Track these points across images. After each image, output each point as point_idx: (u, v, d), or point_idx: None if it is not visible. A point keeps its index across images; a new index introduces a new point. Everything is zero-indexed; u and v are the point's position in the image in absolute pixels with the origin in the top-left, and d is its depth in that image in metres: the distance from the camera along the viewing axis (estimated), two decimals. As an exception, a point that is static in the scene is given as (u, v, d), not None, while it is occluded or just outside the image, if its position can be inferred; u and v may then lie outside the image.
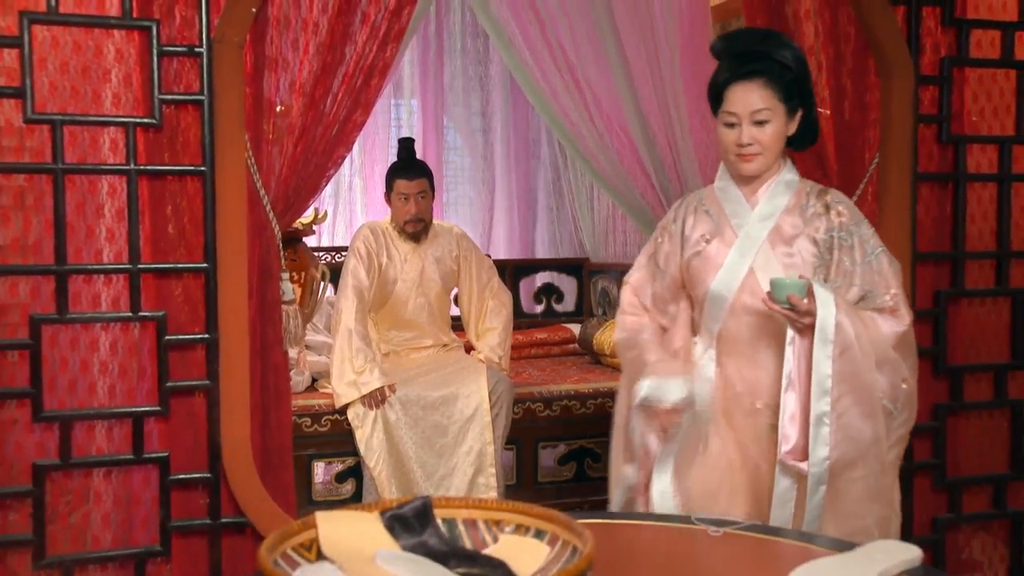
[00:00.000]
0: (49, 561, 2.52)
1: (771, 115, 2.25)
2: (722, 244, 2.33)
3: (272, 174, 2.76)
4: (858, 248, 2.29)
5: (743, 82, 2.25)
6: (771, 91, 2.24)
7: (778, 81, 2.25)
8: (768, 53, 2.25)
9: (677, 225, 2.43)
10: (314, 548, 1.35)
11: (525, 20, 4.51)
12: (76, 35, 2.53)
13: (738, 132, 2.27)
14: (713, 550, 1.83)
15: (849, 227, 2.29)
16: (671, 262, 2.42)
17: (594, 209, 6.06)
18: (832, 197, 2.34)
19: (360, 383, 3.55)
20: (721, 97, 2.29)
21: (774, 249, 2.29)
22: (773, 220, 2.31)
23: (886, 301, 2.27)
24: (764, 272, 2.27)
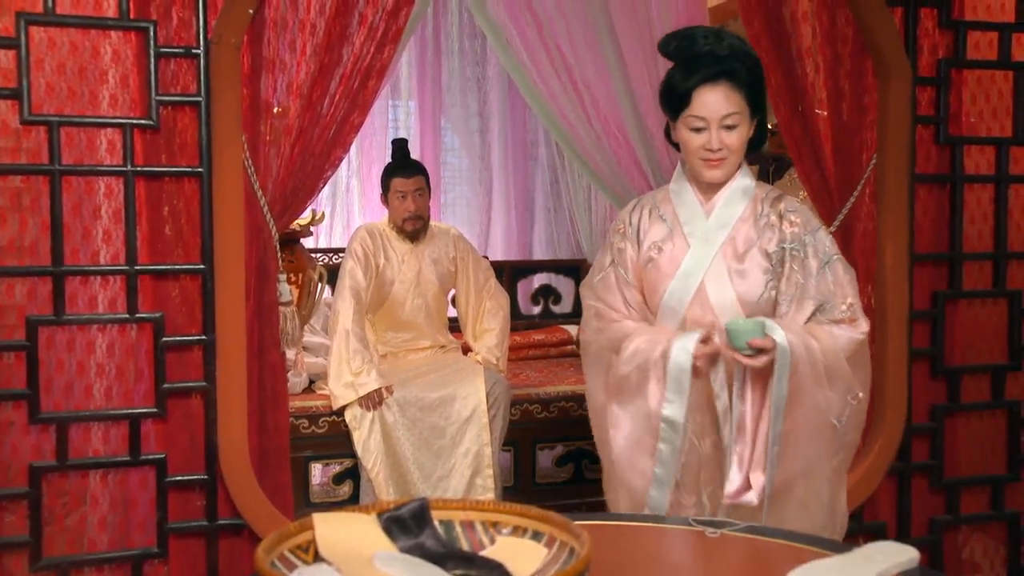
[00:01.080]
0: (46, 563, 2.51)
1: (740, 119, 2.19)
2: (674, 253, 2.27)
3: (269, 175, 2.75)
4: (812, 258, 2.23)
5: (711, 85, 2.17)
6: (739, 95, 2.19)
7: (744, 85, 2.19)
8: (732, 55, 2.19)
9: (632, 229, 2.35)
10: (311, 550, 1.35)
11: (523, 21, 4.51)
12: (73, 36, 2.53)
13: (707, 136, 2.19)
14: (710, 551, 1.82)
15: (802, 237, 2.23)
16: (632, 268, 2.35)
17: (591, 210, 6.06)
18: (786, 205, 2.28)
19: (357, 384, 3.55)
20: (684, 100, 2.20)
21: (726, 261, 2.24)
22: (727, 231, 2.25)
23: (843, 312, 2.22)
24: (715, 284, 2.22)
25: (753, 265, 2.23)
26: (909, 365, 3.02)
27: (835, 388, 2.19)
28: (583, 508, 3.86)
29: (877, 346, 3.02)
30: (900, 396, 3.00)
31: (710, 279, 2.23)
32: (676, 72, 2.23)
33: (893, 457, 3.03)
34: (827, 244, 2.26)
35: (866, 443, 3.03)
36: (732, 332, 2.09)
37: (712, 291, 2.23)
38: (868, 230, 3.04)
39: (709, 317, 2.23)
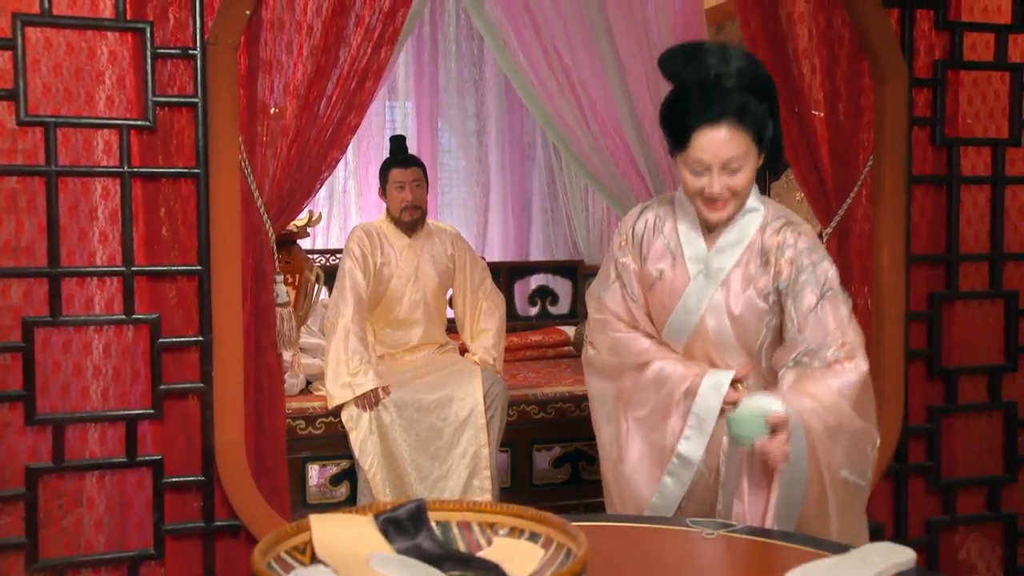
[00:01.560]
0: (42, 565, 2.51)
1: (745, 160, 2.01)
2: (675, 283, 2.17)
3: (266, 176, 2.75)
4: (807, 295, 2.07)
5: (712, 127, 1.98)
6: (747, 134, 1.99)
7: (752, 118, 1.98)
8: (737, 81, 1.98)
9: (635, 243, 2.25)
10: (308, 551, 1.35)
11: (520, 22, 4.51)
12: (69, 37, 2.53)
13: (707, 180, 2.02)
14: (708, 552, 1.82)
15: (797, 277, 2.07)
16: (636, 282, 2.25)
17: (589, 211, 6.06)
18: (785, 237, 2.10)
19: (355, 384, 3.54)
20: (682, 140, 2.02)
21: (725, 300, 2.13)
22: (725, 272, 2.13)
23: (836, 353, 2.03)
24: (714, 321, 2.13)
25: (749, 307, 2.12)
26: (906, 366, 3.02)
27: (854, 449, 2.01)
28: (580, 509, 3.86)
29: (874, 347, 3.02)
30: (897, 397, 3.01)
31: (710, 316, 2.14)
32: (675, 102, 2.06)
33: (890, 458, 3.03)
34: (826, 276, 2.09)
35: (863, 444, 3.03)
36: (734, 435, 1.89)
37: (711, 328, 2.15)
38: (864, 231, 3.04)
39: (711, 352, 2.18)
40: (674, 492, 2.18)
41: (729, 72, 1.99)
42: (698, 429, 2.14)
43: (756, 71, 2.04)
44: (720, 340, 2.16)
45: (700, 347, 2.19)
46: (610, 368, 2.31)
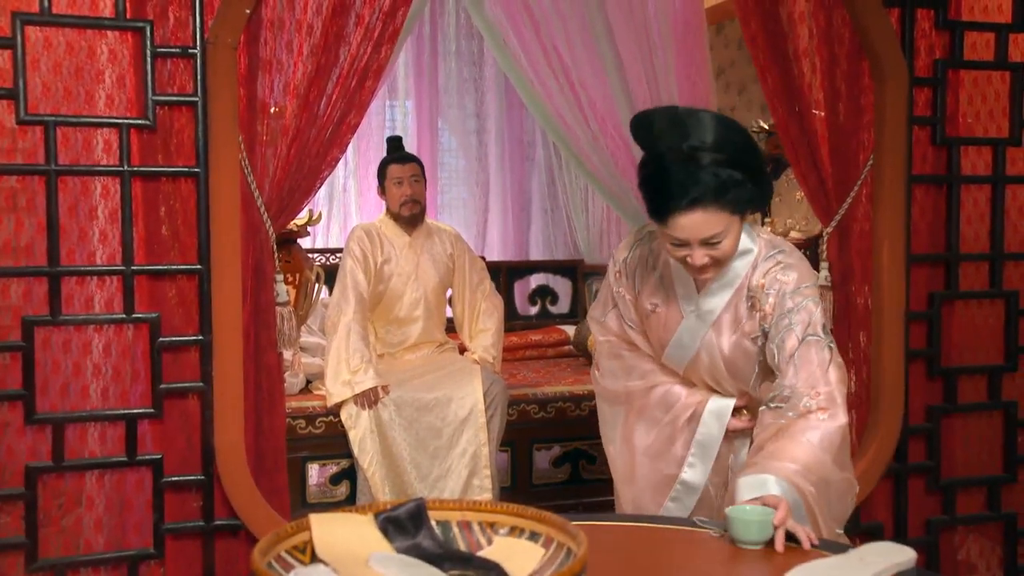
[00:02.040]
0: (41, 564, 2.51)
1: (725, 234, 1.97)
2: (668, 320, 2.17)
3: (266, 176, 2.75)
4: (788, 339, 2.03)
5: (689, 212, 1.92)
6: (725, 211, 1.94)
7: (729, 194, 1.92)
8: (712, 158, 1.90)
9: (628, 275, 2.24)
10: (308, 550, 1.35)
11: (519, 22, 4.51)
12: (69, 36, 2.52)
13: (688, 252, 1.99)
14: (709, 552, 1.82)
15: (779, 321, 2.04)
16: (633, 311, 2.27)
17: (588, 211, 6.07)
18: (771, 279, 2.07)
19: (354, 382, 3.55)
20: (659, 218, 1.97)
21: (716, 340, 2.13)
22: (715, 314, 2.12)
23: (810, 403, 1.97)
24: (708, 358, 2.15)
25: (738, 350, 2.13)
26: (906, 366, 3.02)
27: (839, 501, 2.00)
28: (580, 508, 3.87)
29: (874, 347, 3.03)
30: (897, 397, 3.01)
31: (703, 353, 2.16)
32: (650, 179, 1.98)
33: (890, 458, 3.03)
34: (810, 320, 2.03)
35: (863, 444, 3.03)
36: (737, 538, 1.81)
37: (704, 362, 2.17)
38: (865, 231, 3.04)
39: (707, 380, 2.21)
40: (678, 514, 2.22)
41: (704, 146, 1.91)
42: (701, 456, 2.18)
43: (731, 138, 1.94)
44: (715, 374, 2.19)
45: (697, 375, 2.22)
46: (618, 391, 2.33)
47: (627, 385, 2.30)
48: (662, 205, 1.94)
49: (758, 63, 3.00)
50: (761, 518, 1.81)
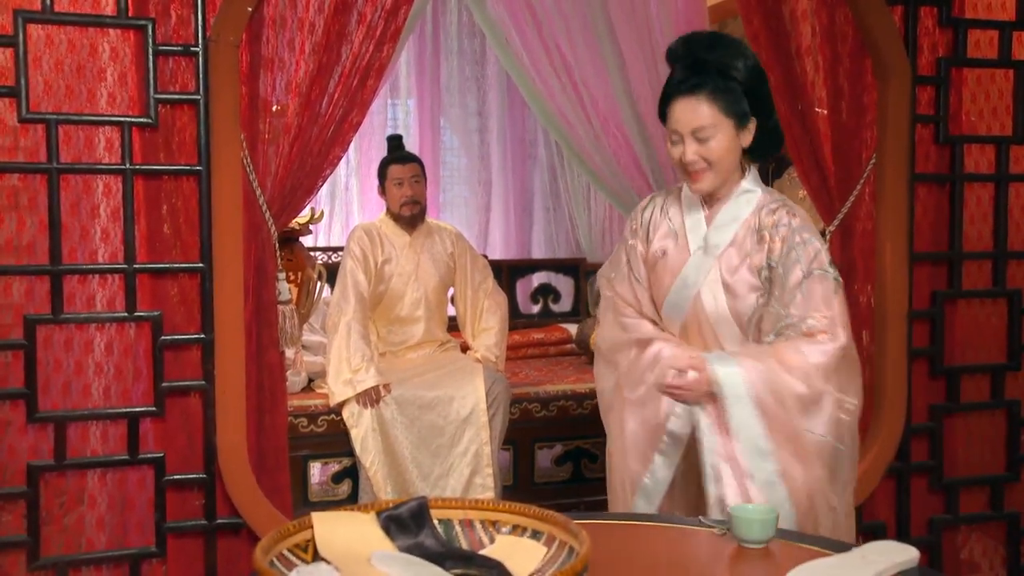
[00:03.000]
0: (43, 563, 2.51)
1: (715, 131, 2.14)
2: (675, 260, 2.27)
3: (268, 174, 2.75)
4: (795, 271, 2.14)
5: (685, 97, 2.14)
6: (716, 106, 2.13)
7: (723, 93, 2.13)
8: (715, 63, 2.13)
9: (643, 226, 2.37)
10: (310, 549, 1.35)
11: (522, 20, 4.51)
12: (71, 34, 2.52)
13: (681, 149, 2.17)
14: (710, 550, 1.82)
15: (788, 253, 2.15)
16: (643, 266, 2.36)
17: (590, 209, 6.06)
18: (779, 217, 2.20)
19: (356, 381, 3.55)
20: (664, 112, 2.21)
21: (721, 274, 2.22)
22: (723, 245, 2.23)
23: (813, 324, 2.10)
24: (710, 296, 2.22)
25: (742, 282, 2.21)
26: (908, 365, 3.01)
27: (818, 408, 2.10)
28: (582, 507, 3.86)
29: (876, 346, 3.02)
30: (899, 396, 3.00)
31: (706, 290, 2.23)
32: (667, 78, 2.22)
33: (892, 457, 3.02)
34: (816, 254, 2.15)
35: (865, 443, 3.02)
36: (741, 537, 1.82)
37: (707, 302, 2.23)
38: (867, 229, 3.03)
39: (706, 327, 2.25)
40: (663, 474, 2.26)
41: (712, 54, 2.15)
42: (685, 407, 2.20)
43: (739, 52, 2.17)
44: (716, 313, 2.24)
45: (696, 325, 2.27)
46: (616, 345, 2.39)
47: (627, 336, 2.35)
48: (665, 96, 2.19)
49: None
50: (764, 517, 1.81)
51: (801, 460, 2.09)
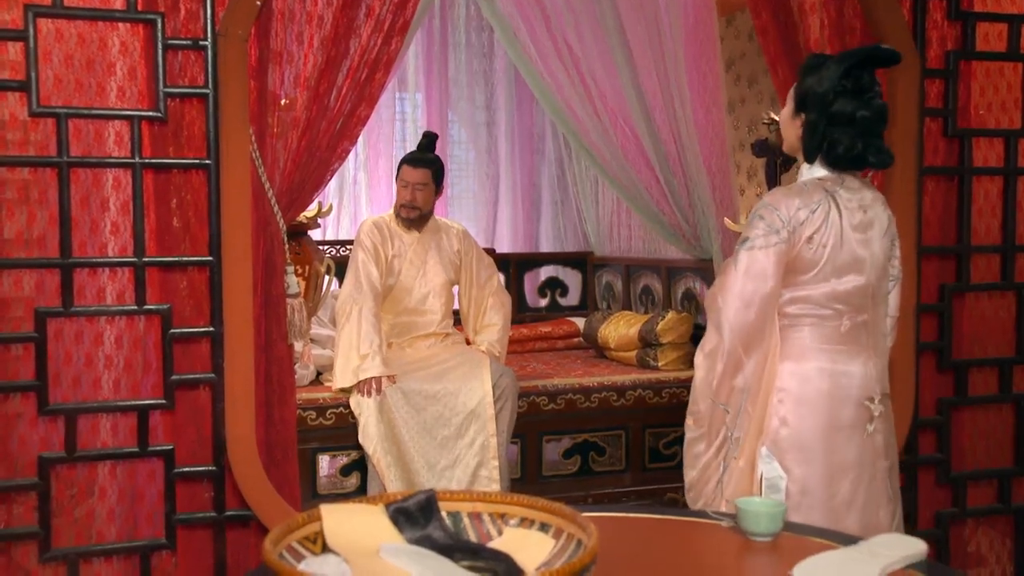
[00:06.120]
0: (54, 554, 2.53)
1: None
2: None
3: (276, 168, 2.76)
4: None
5: None
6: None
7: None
8: None
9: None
10: (319, 541, 1.36)
11: (530, 14, 4.50)
12: (81, 28, 2.53)
13: None
14: (717, 543, 1.83)
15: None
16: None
17: (598, 203, 6.05)
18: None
19: (360, 369, 3.55)
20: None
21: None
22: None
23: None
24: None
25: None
26: (916, 358, 3.01)
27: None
28: (589, 500, 3.87)
29: (884, 339, 3.02)
30: (907, 389, 3.00)
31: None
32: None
33: (900, 450, 3.02)
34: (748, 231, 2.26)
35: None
36: (745, 516, 1.82)
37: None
38: (876, 223, 3.02)
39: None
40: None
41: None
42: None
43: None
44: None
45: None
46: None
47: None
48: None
49: (769, 55, 2.99)
50: (771, 510, 1.81)
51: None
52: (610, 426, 4.02)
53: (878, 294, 2.32)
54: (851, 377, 2.24)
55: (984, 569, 3.22)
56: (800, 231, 2.19)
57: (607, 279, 5.82)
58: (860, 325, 2.27)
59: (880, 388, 2.29)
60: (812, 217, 2.19)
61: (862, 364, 2.26)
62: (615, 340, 4.64)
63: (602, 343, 4.78)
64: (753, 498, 1.91)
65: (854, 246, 2.23)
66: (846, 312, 2.25)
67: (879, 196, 2.35)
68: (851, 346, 2.26)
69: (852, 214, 2.23)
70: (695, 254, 4.61)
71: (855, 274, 2.24)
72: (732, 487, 2.25)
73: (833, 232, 2.20)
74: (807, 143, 2.28)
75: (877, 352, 2.32)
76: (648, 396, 4.05)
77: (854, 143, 2.21)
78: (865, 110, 2.20)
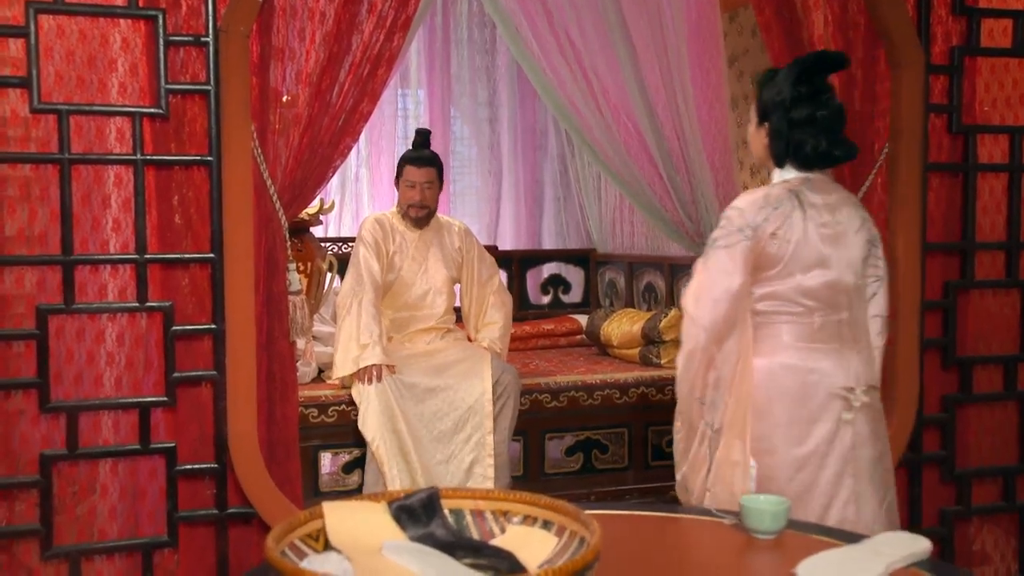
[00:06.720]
0: (56, 551, 2.52)
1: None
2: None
3: (278, 164, 2.75)
4: None
5: None
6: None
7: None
8: None
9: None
10: (321, 538, 1.35)
11: (532, 10, 4.49)
12: (82, 24, 2.52)
13: None
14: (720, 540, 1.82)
15: None
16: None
17: (601, 199, 6.04)
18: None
19: (361, 358, 3.55)
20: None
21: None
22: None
23: None
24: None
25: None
26: (921, 355, 3.00)
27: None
28: (592, 498, 3.87)
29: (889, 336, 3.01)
30: (911, 387, 2.99)
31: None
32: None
33: (904, 448, 3.01)
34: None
35: (877, 433, 3.02)
36: (749, 513, 1.84)
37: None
38: (880, 220, 3.01)
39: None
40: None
41: None
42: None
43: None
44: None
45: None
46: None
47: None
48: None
49: (772, 51, 2.98)
50: (774, 507, 1.81)
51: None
52: (613, 424, 4.01)
53: (856, 293, 2.38)
54: (820, 373, 2.30)
55: (989, 567, 3.21)
56: (764, 228, 2.28)
57: (610, 276, 5.81)
58: (837, 323, 2.33)
59: (865, 380, 2.34)
60: (775, 214, 2.29)
61: (837, 360, 2.31)
62: (618, 337, 4.63)
63: (605, 340, 4.78)
64: (757, 496, 1.90)
65: (818, 243, 2.31)
66: (817, 309, 2.31)
67: (849, 197, 2.45)
68: (827, 344, 2.32)
69: (818, 213, 2.32)
70: (698, 251, 4.58)
71: (820, 269, 2.31)
72: (713, 479, 2.32)
73: (796, 229, 2.29)
74: (775, 149, 2.39)
75: (860, 348, 2.36)
76: (651, 393, 4.04)
77: (819, 141, 2.33)
78: (823, 110, 2.32)
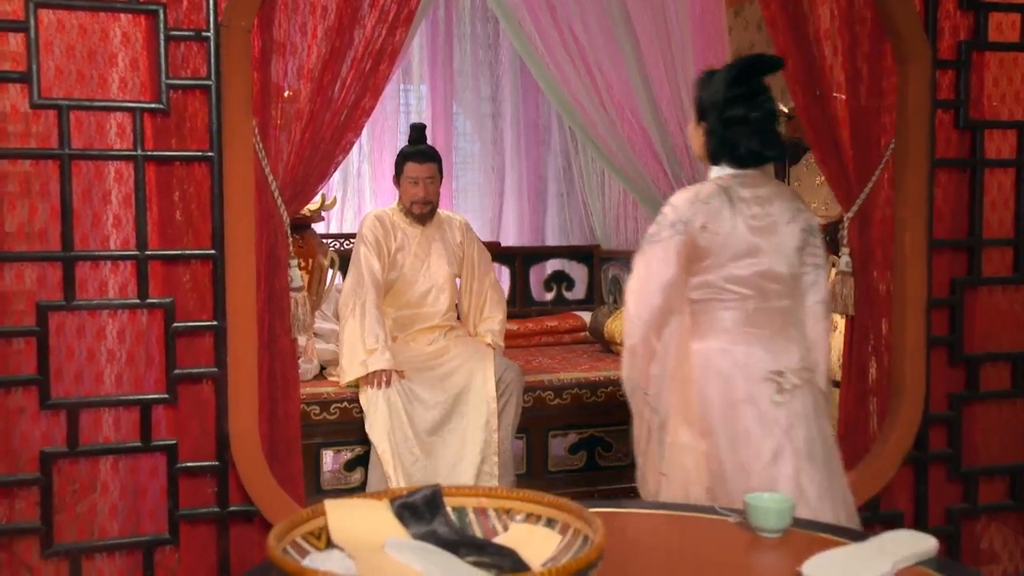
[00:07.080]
0: (56, 549, 2.51)
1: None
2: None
3: (280, 160, 2.73)
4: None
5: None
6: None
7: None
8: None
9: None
10: (323, 536, 1.35)
11: (535, 4, 4.47)
12: (82, 19, 2.51)
13: None
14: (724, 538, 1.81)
15: None
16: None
17: (605, 195, 6.02)
18: None
19: (369, 362, 3.55)
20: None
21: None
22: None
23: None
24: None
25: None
26: (927, 353, 2.98)
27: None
28: (596, 496, 3.85)
29: (895, 333, 3.00)
30: (918, 384, 2.97)
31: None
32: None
33: (910, 446, 3.00)
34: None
35: (883, 431, 3.01)
36: (754, 511, 1.83)
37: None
38: (886, 216, 3.00)
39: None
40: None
41: None
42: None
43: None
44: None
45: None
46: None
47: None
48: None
49: (778, 45, 2.96)
50: (779, 506, 1.79)
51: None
52: (616, 421, 3.99)
53: (792, 283, 2.48)
54: (751, 357, 2.40)
55: (997, 566, 3.20)
56: (694, 222, 2.40)
57: (613, 273, 5.80)
58: (771, 311, 2.44)
59: (797, 364, 2.43)
60: (705, 209, 2.41)
61: (768, 344, 2.42)
62: (621, 334, 4.61)
63: (608, 337, 4.76)
64: (762, 494, 1.89)
65: (747, 234, 2.42)
66: (750, 296, 2.43)
67: (783, 191, 2.56)
68: (759, 329, 2.42)
69: (747, 206, 2.43)
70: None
71: (750, 259, 2.42)
72: (667, 463, 2.43)
73: (725, 223, 2.40)
74: (710, 147, 2.52)
75: (792, 334, 2.46)
76: (655, 390, 4.02)
77: (751, 141, 2.45)
78: (757, 112, 2.44)
